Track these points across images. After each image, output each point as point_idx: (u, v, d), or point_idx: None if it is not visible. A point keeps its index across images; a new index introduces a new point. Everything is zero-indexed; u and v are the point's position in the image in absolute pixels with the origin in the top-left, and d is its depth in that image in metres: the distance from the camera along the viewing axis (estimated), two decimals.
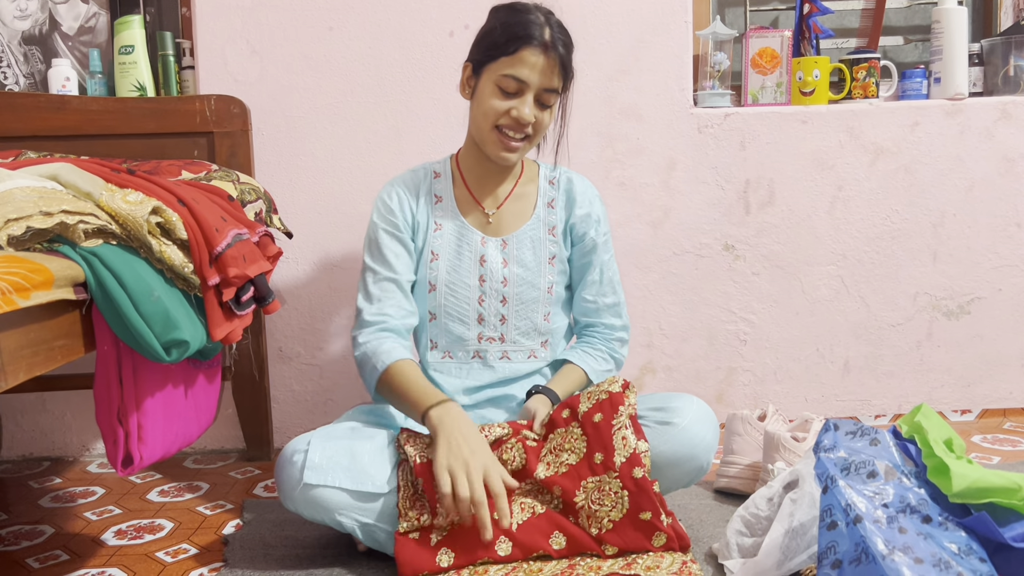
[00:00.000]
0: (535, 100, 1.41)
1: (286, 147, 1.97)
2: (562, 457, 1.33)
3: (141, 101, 1.87)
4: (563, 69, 1.42)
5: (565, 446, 1.34)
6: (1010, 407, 2.12)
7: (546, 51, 1.39)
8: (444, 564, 1.27)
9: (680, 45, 2.01)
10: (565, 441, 1.34)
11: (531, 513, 1.32)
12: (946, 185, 2.04)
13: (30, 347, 0.97)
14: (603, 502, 1.30)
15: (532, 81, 1.39)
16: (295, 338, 2.02)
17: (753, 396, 2.09)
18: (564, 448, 1.34)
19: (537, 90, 1.40)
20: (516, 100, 1.40)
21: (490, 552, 1.28)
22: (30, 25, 1.97)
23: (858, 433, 1.19)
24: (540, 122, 1.43)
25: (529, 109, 1.40)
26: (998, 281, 2.07)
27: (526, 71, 1.38)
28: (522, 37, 1.39)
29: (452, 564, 1.28)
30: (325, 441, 1.33)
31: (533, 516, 1.32)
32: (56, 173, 1.17)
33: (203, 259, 1.22)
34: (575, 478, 1.32)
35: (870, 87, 2.04)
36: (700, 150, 2.02)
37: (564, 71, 1.42)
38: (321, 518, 1.32)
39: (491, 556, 1.28)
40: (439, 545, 1.28)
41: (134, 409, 1.19)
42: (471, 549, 1.28)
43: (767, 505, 1.29)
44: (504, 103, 1.40)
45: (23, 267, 0.95)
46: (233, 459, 1.98)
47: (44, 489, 1.81)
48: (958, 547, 1.05)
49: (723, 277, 2.05)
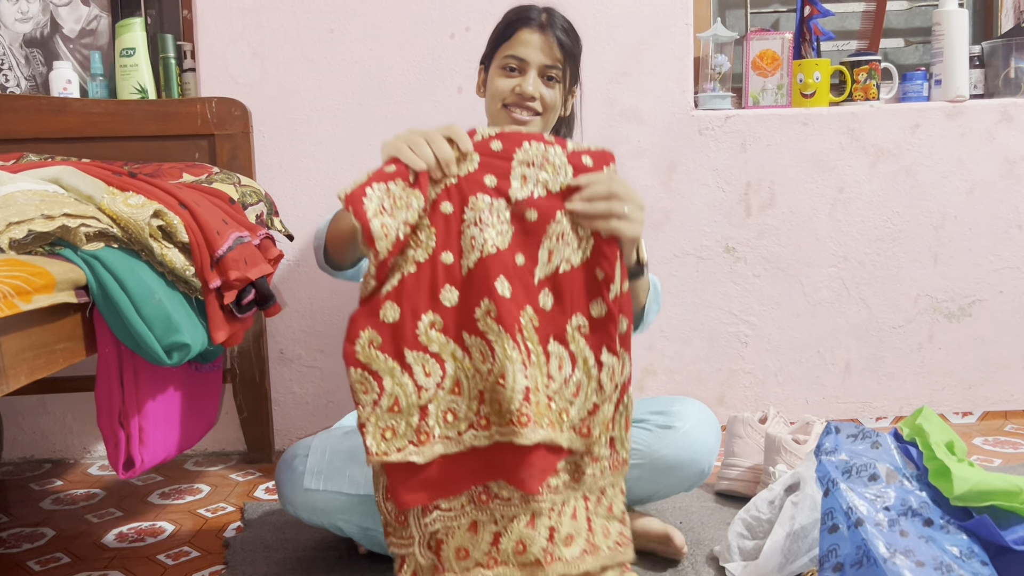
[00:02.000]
0: (539, 77, 1.42)
1: (287, 149, 1.97)
2: (543, 175, 1.12)
3: (142, 104, 1.87)
4: (562, 48, 1.42)
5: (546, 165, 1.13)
6: (1011, 409, 2.12)
7: (542, 30, 1.41)
8: (390, 320, 1.05)
9: (681, 47, 2.01)
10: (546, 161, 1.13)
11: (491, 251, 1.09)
12: (947, 187, 2.04)
13: (32, 350, 0.97)
14: (569, 241, 1.10)
15: (531, 58, 1.40)
16: (296, 340, 2.02)
17: (754, 398, 2.09)
18: (546, 166, 1.12)
19: (538, 67, 1.41)
20: (519, 78, 1.41)
21: (435, 304, 1.07)
22: (31, 28, 1.97)
23: (859, 436, 1.19)
24: (546, 98, 1.43)
25: (532, 85, 1.41)
26: (999, 283, 2.07)
27: (523, 49, 1.40)
28: (518, 20, 1.42)
29: (398, 318, 1.06)
30: (325, 446, 1.33)
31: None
32: (58, 176, 1.17)
33: (204, 262, 1.22)
34: (553, 204, 1.11)
35: (871, 89, 2.04)
36: (701, 152, 2.02)
37: (564, 50, 1.42)
38: (321, 522, 1.32)
39: (436, 309, 1.07)
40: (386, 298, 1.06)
41: (135, 412, 1.19)
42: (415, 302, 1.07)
43: (768, 508, 1.29)
44: (508, 81, 1.42)
45: (25, 270, 0.95)
46: (234, 461, 1.98)
47: (45, 491, 1.81)
48: (959, 550, 1.05)
49: (724, 279, 2.05)
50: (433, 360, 1.06)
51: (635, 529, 1.36)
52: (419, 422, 1.06)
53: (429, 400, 1.06)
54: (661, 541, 1.34)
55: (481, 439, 1.07)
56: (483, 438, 1.07)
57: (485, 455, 1.07)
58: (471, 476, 1.08)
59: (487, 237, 1.07)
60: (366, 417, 1.05)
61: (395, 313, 1.05)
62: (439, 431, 1.06)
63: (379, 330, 1.04)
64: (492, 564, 1.10)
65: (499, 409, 1.05)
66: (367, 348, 1.04)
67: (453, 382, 1.07)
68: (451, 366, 1.07)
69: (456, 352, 1.07)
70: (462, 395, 1.07)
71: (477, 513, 1.10)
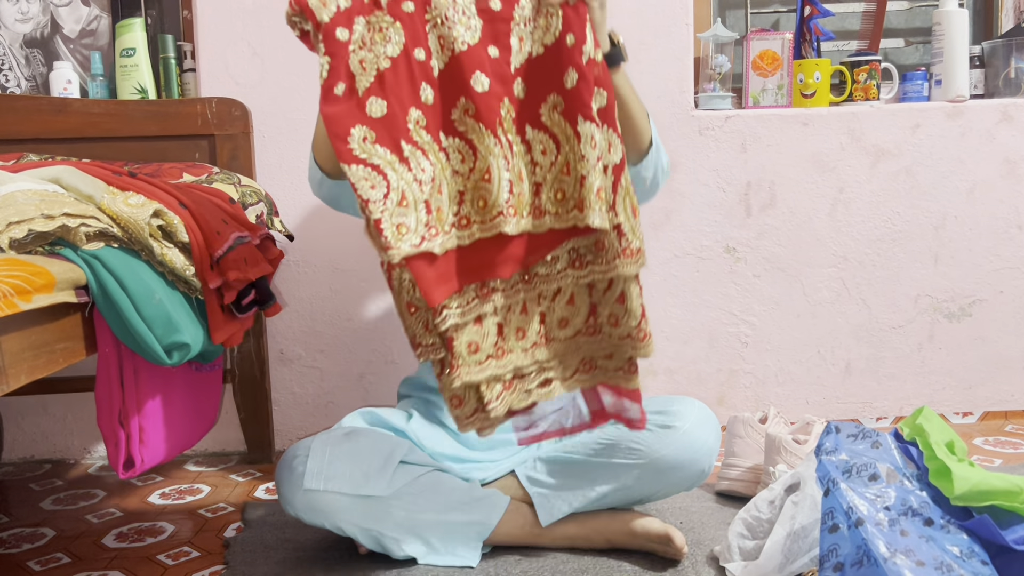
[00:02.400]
0: None
1: (287, 149, 1.97)
2: None
3: (142, 104, 1.87)
4: None
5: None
6: (1012, 409, 2.11)
7: None
8: (377, 114, 1.01)
9: (681, 47, 2.01)
10: None
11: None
12: (947, 187, 2.04)
13: (32, 350, 0.97)
14: (537, 23, 1.07)
15: None
16: (296, 340, 2.02)
17: (754, 398, 2.09)
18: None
19: None
20: None
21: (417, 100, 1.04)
22: (32, 28, 1.97)
23: (860, 436, 1.19)
24: None
25: None
26: (999, 283, 2.07)
27: None
28: None
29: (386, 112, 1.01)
30: (325, 446, 1.33)
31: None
32: (58, 176, 1.17)
33: (204, 262, 1.22)
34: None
35: (871, 89, 2.04)
36: (701, 152, 2.02)
37: None
38: (322, 523, 1.32)
39: (419, 106, 1.04)
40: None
41: (135, 412, 1.20)
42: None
43: (768, 508, 1.29)
44: None
45: (25, 270, 0.95)
46: (234, 461, 1.98)
47: (45, 492, 1.81)
48: (960, 550, 1.05)
49: (724, 279, 2.05)
50: (422, 155, 1.04)
51: (635, 529, 1.37)
52: (426, 216, 1.04)
53: (430, 195, 1.04)
54: (661, 541, 1.34)
55: (465, 238, 1.06)
56: (465, 238, 1.06)
57: (473, 253, 1.06)
58: (471, 272, 1.07)
59: (456, 35, 1.03)
60: (380, 213, 1.01)
61: (382, 107, 1.01)
62: (440, 224, 1.05)
63: (370, 126, 1.01)
64: (500, 355, 1.12)
65: (483, 206, 1.05)
66: (363, 143, 1.00)
67: (439, 182, 1.05)
68: (435, 165, 1.05)
69: (436, 152, 1.05)
70: (443, 195, 1.06)
71: (482, 308, 1.10)
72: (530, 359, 1.14)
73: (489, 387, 1.14)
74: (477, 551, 1.36)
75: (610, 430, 1.40)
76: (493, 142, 1.03)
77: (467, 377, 1.11)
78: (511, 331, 1.12)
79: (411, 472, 1.35)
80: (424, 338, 1.11)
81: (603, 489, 1.38)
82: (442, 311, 1.07)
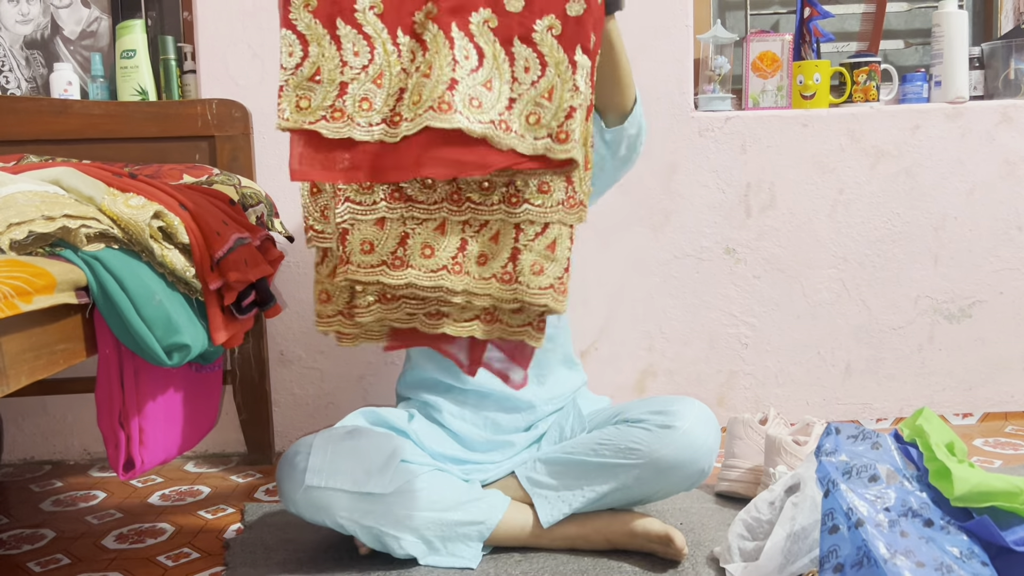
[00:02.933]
0: None
1: (287, 150, 1.96)
2: None
3: (143, 105, 1.87)
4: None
5: None
6: (1012, 410, 2.11)
7: None
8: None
9: (681, 49, 2.01)
10: None
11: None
12: (947, 188, 2.04)
13: (32, 351, 0.97)
14: None
15: None
16: (296, 341, 2.03)
17: (754, 400, 2.09)
18: None
19: None
20: None
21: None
22: (32, 29, 1.97)
23: (859, 437, 1.19)
24: None
25: None
26: (999, 284, 2.07)
27: None
28: None
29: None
30: (326, 443, 1.33)
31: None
32: (58, 177, 1.17)
33: (205, 263, 1.22)
34: None
35: (871, 91, 2.05)
36: (701, 153, 2.02)
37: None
38: (323, 520, 1.32)
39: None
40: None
41: (135, 413, 1.20)
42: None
43: (769, 509, 1.29)
44: None
45: (25, 271, 0.95)
46: (234, 463, 1.98)
47: (45, 493, 1.81)
48: (960, 551, 1.05)
49: (724, 280, 2.06)
50: (364, 41, 1.01)
51: (635, 530, 1.37)
52: (335, 98, 1.01)
53: (352, 80, 1.02)
54: (661, 542, 1.34)
55: (390, 136, 1.01)
56: (391, 136, 1.01)
57: (396, 152, 1.01)
58: (379, 171, 1.02)
59: None
60: (284, 80, 1.01)
61: None
62: (354, 113, 1.02)
63: None
64: (397, 265, 1.07)
65: (418, 100, 0.99)
66: (300, 9, 1.00)
67: (377, 71, 1.02)
68: (380, 55, 1.02)
69: (387, 44, 1.02)
70: (381, 88, 1.02)
71: (387, 212, 1.07)
72: (431, 282, 1.08)
73: (362, 293, 1.10)
74: (477, 551, 1.37)
75: (610, 431, 1.40)
76: (444, 43, 0.99)
77: (352, 275, 1.07)
78: (416, 245, 1.07)
79: (412, 471, 1.35)
80: (319, 223, 1.11)
81: (603, 489, 1.38)
82: (344, 201, 1.06)
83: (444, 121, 0.97)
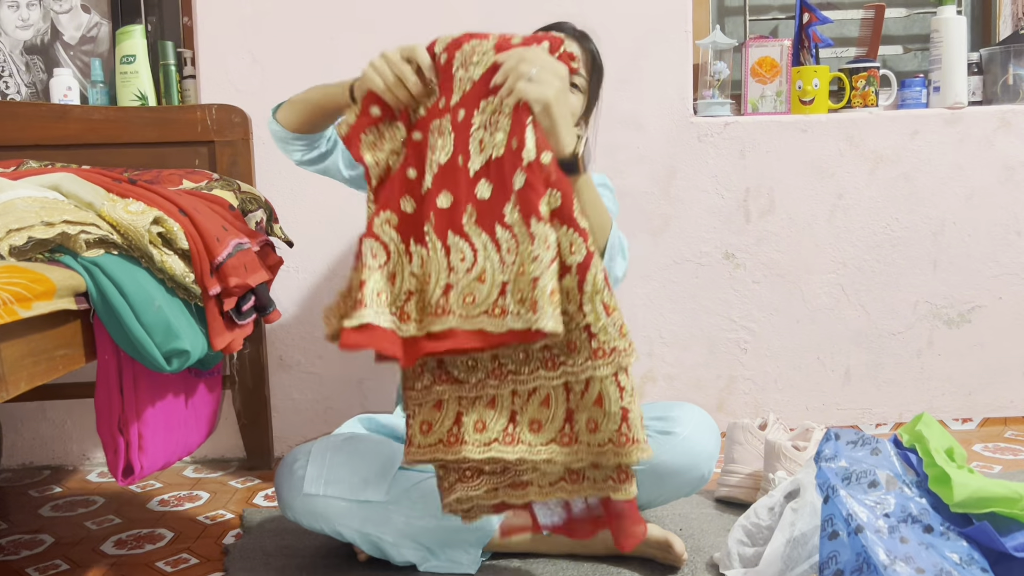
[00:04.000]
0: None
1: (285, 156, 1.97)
2: (474, 71, 1.14)
3: (142, 110, 1.87)
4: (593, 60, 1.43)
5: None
6: (1011, 416, 2.11)
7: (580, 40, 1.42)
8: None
9: (680, 54, 2.01)
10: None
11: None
12: (946, 193, 2.04)
13: (31, 357, 0.97)
14: (499, 125, 1.11)
15: None
16: (295, 347, 2.02)
17: (754, 404, 2.09)
18: (476, 61, 1.16)
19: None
20: None
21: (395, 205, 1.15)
22: (32, 35, 1.98)
23: (859, 443, 1.19)
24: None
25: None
26: (998, 289, 2.07)
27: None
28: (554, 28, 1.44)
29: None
30: (325, 451, 1.33)
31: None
32: (57, 183, 1.18)
33: (204, 269, 1.22)
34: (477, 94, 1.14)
35: (869, 96, 2.05)
36: (700, 159, 2.02)
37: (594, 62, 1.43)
38: (321, 527, 1.32)
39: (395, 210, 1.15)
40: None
41: (135, 418, 1.19)
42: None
43: (768, 514, 1.29)
44: None
45: (25, 277, 0.95)
46: (233, 468, 1.98)
47: (44, 498, 1.81)
48: (960, 557, 1.05)
49: (723, 285, 2.06)
50: (380, 248, 1.13)
51: None
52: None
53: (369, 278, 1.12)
54: (661, 548, 1.34)
55: (403, 331, 1.11)
56: (406, 330, 1.11)
57: (421, 342, 1.10)
58: (413, 355, 1.11)
59: (435, 158, 1.13)
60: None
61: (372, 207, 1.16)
62: (376, 305, 1.11)
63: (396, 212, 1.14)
64: (452, 442, 1.13)
65: (422, 306, 1.11)
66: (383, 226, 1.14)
67: (390, 274, 1.13)
68: (393, 261, 1.13)
69: (402, 254, 1.14)
70: (392, 288, 1.13)
71: (440, 394, 1.14)
72: (483, 455, 1.11)
73: (445, 474, 1.18)
74: (476, 558, 1.36)
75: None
76: (440, 249, 1.11)
77: (412, 456, 1.15)
78: (470, 422, 1.12)
79: (410, 478, 1.35)
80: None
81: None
82: (405, 389, 1.15)
83: (440, 324, 1.09)
